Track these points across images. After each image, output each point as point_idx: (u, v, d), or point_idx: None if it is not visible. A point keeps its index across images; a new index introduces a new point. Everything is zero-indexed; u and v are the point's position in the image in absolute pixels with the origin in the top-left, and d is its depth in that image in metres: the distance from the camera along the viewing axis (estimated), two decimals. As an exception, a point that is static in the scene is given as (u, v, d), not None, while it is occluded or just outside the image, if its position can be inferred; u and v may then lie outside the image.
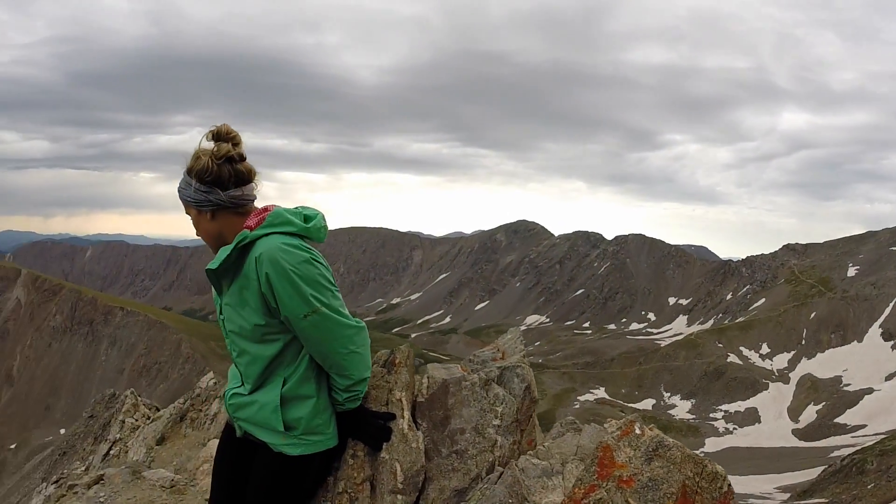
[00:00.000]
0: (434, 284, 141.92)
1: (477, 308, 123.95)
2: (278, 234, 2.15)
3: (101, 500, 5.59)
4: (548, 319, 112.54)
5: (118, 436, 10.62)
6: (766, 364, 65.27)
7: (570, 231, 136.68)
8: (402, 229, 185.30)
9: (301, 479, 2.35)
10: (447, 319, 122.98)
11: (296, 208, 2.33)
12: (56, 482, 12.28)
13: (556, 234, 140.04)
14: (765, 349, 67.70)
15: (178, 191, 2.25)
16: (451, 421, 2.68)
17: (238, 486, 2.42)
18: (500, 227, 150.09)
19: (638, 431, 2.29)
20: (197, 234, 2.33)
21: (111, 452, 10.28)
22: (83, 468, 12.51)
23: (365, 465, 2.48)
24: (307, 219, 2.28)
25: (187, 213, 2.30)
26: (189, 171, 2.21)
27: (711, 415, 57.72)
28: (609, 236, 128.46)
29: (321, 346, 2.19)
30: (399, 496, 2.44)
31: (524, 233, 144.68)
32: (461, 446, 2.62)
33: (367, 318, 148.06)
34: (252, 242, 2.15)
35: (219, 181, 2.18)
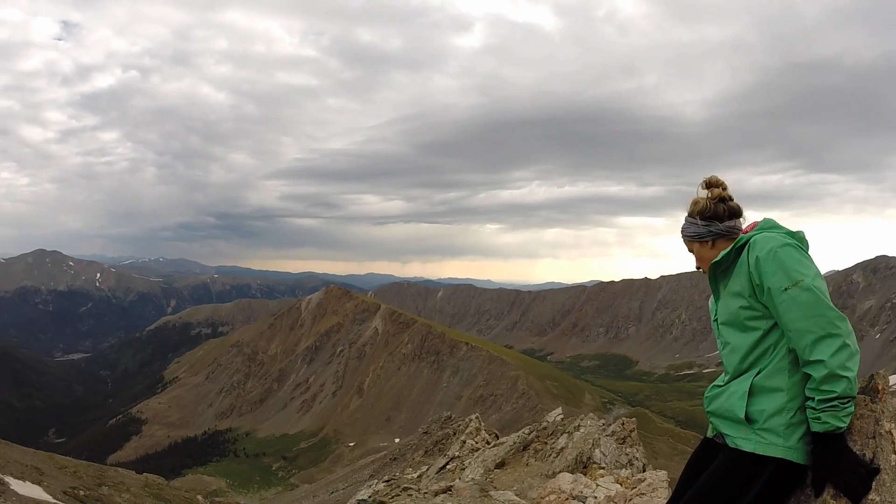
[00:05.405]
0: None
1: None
2: (769, 231, 2.55)
3: (448, 508, 5.97)
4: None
5: (457, 453, 11.58)
6: None
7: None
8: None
9: (746, 480, 2.35)
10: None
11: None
12: (387, 481, 14.03)
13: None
14: None
15: (682, 231, 2.80)
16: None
17: (695, 481, 2.59)
18: (857, 265, 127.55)
19: None
20: (698, 266, 2.81)
21: (447, 467, 11.17)
22: (415, 475, 14.03)
23: (849, 507, 2.19)
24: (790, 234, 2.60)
25: (689, 250, 2.82)
26: (691, 214, 2.77)
27: None
28: None
29: (797, 324, 2.27)
30: (888, 547, 2.10)
31: (884, 271, 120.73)
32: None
33: (708, 370, 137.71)
34: (748, 241, 2.55)
35: (716, 216, 2.70)
